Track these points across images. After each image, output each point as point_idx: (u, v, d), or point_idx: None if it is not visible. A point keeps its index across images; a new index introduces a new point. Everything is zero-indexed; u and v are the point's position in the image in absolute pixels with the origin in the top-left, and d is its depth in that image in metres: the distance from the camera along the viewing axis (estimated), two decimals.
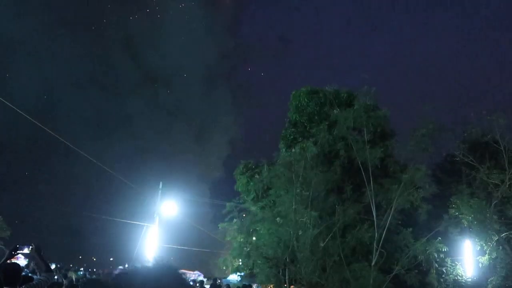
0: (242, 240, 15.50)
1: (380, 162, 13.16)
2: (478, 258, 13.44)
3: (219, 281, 21.18)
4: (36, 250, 4.58)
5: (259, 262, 14.33)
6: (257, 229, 14.78)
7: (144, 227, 21.69)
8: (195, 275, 30.32)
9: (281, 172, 13.77)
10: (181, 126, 69.92)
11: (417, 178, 12.61)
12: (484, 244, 13.01)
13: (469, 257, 14.09)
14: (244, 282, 16.86)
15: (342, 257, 12.68)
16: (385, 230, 12.51)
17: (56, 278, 8.42)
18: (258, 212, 15.26)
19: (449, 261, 13.78)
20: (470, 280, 13.99)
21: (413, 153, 13.10)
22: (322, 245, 12.93)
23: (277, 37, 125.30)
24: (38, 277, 4.75)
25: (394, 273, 12.37)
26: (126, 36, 72.05)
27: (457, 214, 13.01)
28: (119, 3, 74.04)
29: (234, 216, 16.16)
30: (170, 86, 73.74)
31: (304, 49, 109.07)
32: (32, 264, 15.23)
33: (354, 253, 13.22)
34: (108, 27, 72.20)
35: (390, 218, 12.57)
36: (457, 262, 14.00)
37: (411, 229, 12.87)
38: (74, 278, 15.14)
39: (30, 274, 7.02)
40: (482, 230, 12.91)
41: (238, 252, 15.65)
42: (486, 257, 12.99)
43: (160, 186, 22.16)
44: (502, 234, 12.90)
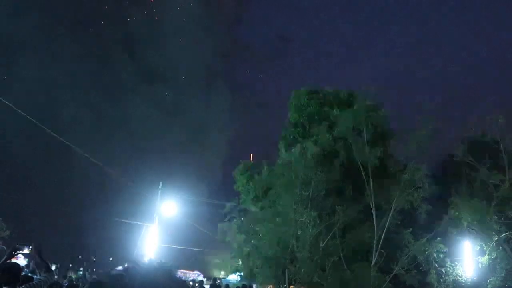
0: (242, 240, 15.50)
1: (379, 162, 13.15)
2: (477, 258, 13.43)
3: (219, 281, 21.17)
4: (36, 250, 4.57)
5: (259, 262, 14.33)
6: (256, 229, 14.77)
7: (143, 227, 21.68)
8: (195, 275, 30.30)
9: (281, 172, 13.77)
10: (180, 125, 69.91)
11: (416, 178, 12.62)
12: (483, 244, 13.01)
13: (468, 257, 14.08)
14: (243, 282, 16.85)
15: (342, 257, 12.68)
16: (384, 230, 12.52)
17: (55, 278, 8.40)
18: (258, 212, 15.26)
19: (448, 261, 13.76)
20: (469, 280, 13.97)
21: (412, 153, 13.10)
22: (322, 245, 12.92)
23: (276, 36, 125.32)
24: (38, 277, 4.74)
25: (393, 273, 12.38)
26: (125, 35, 72.03)
27: (457, 214, 13.01)
28: (118, 3, 74.09)
29: (234, 216, 16.17)
30: (169, 85, 73.70)
31: (304, 48, 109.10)
32: (31, 264, 15.20)
33: (354, 253, 13.23)
34: (106, 27, 72.16)
35: (389, 218, 12.57)
36: (456, 263, 13.97)
37: (411, 229, 12.88)
38: (73, 278, 15.15)
39: (30, 274, 7.00)
40: (481, 230, 12.91)
41: (238, 252, 15.65)
42: (486, 257, 12.99)
43: (160, 186, 22.14)
44: (502, 235, 12.89)
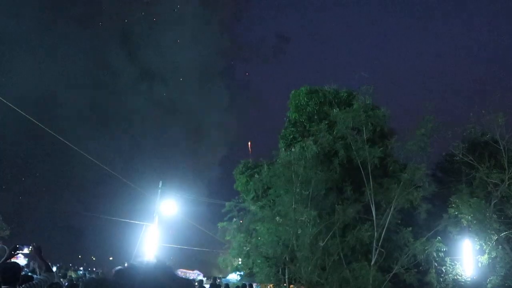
0: (241, 239, 15.49)
1: (379, 162, 13.16)
2: (477, 257, 13.45)
3: (219, 280, 21.17)
4: (36, 250, 4.57)
5: (259, 261, 14.34)
6: (256, 228, 14.77)
7: (143, 227, 21.67)
8: (195, 275, 30.31)
9: (280, 171, 13.75)
10: (179, 125, 69.92)
11: (416, 177, 12.62)
12: (483, 243, 13.02)
13: (468, 256, 14.09)
14: (243, 282, 16.86)
15: (342, 256, 12.69)
16: (384, 230, 12.52)
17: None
18: (257, 211, 15.26)
19: (448, 260, 13.78)
20: (469, 279, 13.99)
21: (412, 152, 13.10)
22: (322, 244, 12.92)
23: (275, 35, 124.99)
24: (38, 276, 4.75)
25: (393, 272, 12.39)
26: (123, 33, 71.95)
27: (456, 213, 13.02)
28: (116, 1, 73.89)
29: (234, 215, 16.16)
30: (168, 84, 73.63)
31: (303, 47, 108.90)
32: (31, 263, 15.22)
33: (354, 252, 13.23)
34: (105, 25, 72.05)
35: (389, 217, 12.57)
36: (456, 262, 13.99)
37: (411, 228, 12.88)
38: (73, 278, 15.15)
39: (30, 274, 7.01)
40: (481, 229, 12.91)
41: (237, 251, 15.65)
42: (486, 256, 13.00)
43: (159, 185, 22.13)
44: (502, 234, 12.90)
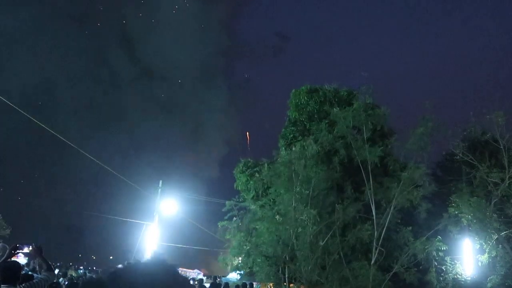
0: (241, 238, 15.49)
1: (379, 161, 13.15)
2: (477, 256, 13.45)
3: (219, 279, 21.19)
4: (36, 251, 4.58)
5: (259, 260, 14.33)
6: (256, 227, 14.77)
7: (143, 226, 21.70)
8: (195, 274, 30.34)
9: (281, 170, 13.74)
10: (179, 124, 69.91)
11: (416, 176, 12.61)
12: (483, 242, 13.02)
13: (468, 255, 14.10)
14: (243, 281, 16.86)
15: (342, 255, 12.68)
16: (384, 229, 12.51)
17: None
18: (257, 210, 15.26)
19: (448, 259, 13.78)
20: (469, 278, 14.00)
21: (412, 151, 13.10)
22: (322, 243, 12.92)
23: (275, 33, 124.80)
24: (39, 275, 4.75)
25: (393, 271, 12.38)
26: (122, 31, 71.88)
27: (456, 212, 13.02)
28: None
29: (234, 214, 16.16)
30: (168, 83, 73.54)
31: (302, 46, 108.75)
32: (32, 262, 15.24)
33: (354, 251, 13.23)
34: (104, 23, 71.98)
35: (389, 216, 12.56)
36: (456, 261, 14.00)
37: (411, 227, 12.89)
38: (74, 277, 15.16)
39: (30, 273, 7.02)
40: (481, 228, 12.92)
41: (237, 250, 15.64)
42: (486, 255, 13.00)
43: (159, 185, 22.14)
44: (502, 233, 12.91)
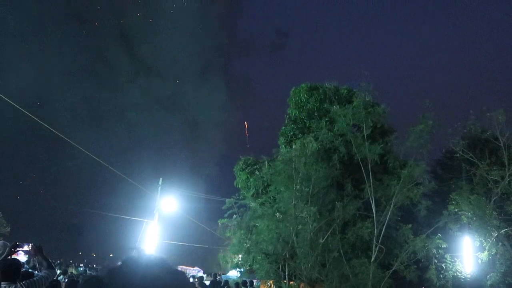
0: (242, 236, 15.50)
1: (379, 158, 13.16)
2: (477, 254, 13.46)
3: (219, 277, 21.23)
4: (36, 250, 4.57)
5: (259, 258, 14.34)
6: (256, 225, 14.78)
7: (143, 223, 21.72)
8: (195, 271, 30.40)
9: (281, 168, 13.75)
10: (179, 121, 69.93)
11: (416, 174, 12.61)
12: (483, 240, 13.03)
13: (468, 253, 14.12)
14: (244, 278, 16.89)
15: (342, 253, 12.69)
16: (384, 226, 12.52)
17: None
18: (258, 208, 15.27)
19: (448, 257, 13.79)
20: (469, 276, 14.02)
21: (412, 149, 13.09)
22: (322, 241, 12.93)
23: (273, 30, 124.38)
24: (39, 273, 4.75)
25: (393, 269, 12.39)
26: (121, 28, 71.84)
27: (456, 210, 13.03)
28: None
29: (234, 212, 16.16)
30: (167, 80, 73.53)
31: (302, 43, 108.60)
32: (32, 260, 15.25)
33: (354, 249, 13.25)
34: (103, 20, 71.89)
35: (389, 214, 12.57)
36: (456, 258, 14.01)
37: (411, 225, 12.89)
38: (74, 274, 15.18)
39: (30, 270, 7.03)
40: (481, 226, 12.93)
41: (237, 248, 15.66)
42: (486, 253, 13.02)
43: (160, 182, 22.15)
44: (502, 230, 12.92)
